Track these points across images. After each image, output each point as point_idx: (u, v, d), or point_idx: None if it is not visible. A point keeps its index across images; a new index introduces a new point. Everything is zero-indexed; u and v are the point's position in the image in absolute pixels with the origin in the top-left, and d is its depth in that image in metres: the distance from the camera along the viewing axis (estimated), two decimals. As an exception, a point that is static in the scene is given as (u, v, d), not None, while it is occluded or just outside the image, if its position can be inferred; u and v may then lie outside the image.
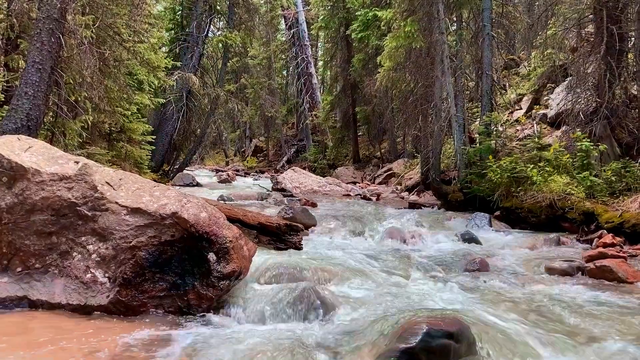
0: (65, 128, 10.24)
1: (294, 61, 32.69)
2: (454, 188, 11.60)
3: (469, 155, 11.46)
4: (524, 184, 9.25)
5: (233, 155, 43.65)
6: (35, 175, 3.92)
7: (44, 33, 8.08)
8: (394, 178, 18.64)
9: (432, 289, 4.81)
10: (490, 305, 4.30)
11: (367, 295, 4.47)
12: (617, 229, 7.15)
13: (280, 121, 34.66)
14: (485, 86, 11.78)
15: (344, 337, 3.49)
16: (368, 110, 22.63)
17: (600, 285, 5.16)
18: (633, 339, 3.53)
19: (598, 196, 8.17)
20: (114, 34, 10.51)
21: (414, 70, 13.38)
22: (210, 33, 20.77)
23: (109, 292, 3.71)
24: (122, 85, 11.31)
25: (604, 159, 9.27)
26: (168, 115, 18.51)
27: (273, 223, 6.20)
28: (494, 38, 12.32)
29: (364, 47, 20.59)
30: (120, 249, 3.77)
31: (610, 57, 9.60)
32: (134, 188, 4.06)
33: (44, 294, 3.75)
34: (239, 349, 3.19)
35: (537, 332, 3.67)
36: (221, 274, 3.83)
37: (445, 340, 3.11)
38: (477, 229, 8.40)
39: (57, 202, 3.87)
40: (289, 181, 16.61)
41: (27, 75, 7.99)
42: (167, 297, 3.76)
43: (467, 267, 5.80)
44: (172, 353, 3.07)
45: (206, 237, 3.84)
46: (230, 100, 20.33)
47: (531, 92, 15.85)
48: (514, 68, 19.18)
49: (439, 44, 11.71)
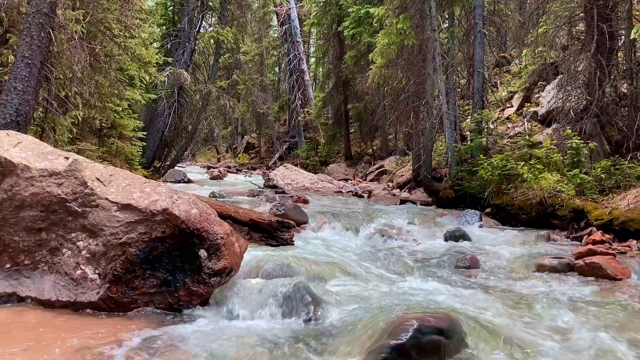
0: (55, 124, 10.15)
1: (286, 58, 32.62)
2: (445, 185, 11.64)
3: (460, 152, 11.50)
4: (514, 181, 9.30)
5: (225, 151, 43.51)
6: (24, 171, 3.89)
7: (33, 27, 8.01)
8: (386, 175, 18.66)
9: (422, 285, 4.83)
10: (481, 301, 4.32)
11: (357, 292, 4.48)
12: (607, 226, 7.21)
13: (272, 118, 34.56)
14: (477, 84, 11.81)
15: (334, 333, 3.49)
16: (360, 108, 22.62)
17: (589, 282, 5.21)
18: (620, 333, 3.56)
19: (588, 194, 8.23)
20: (104, 29, 10.43)
21: (405, 68, 13.38)
22: (202, 29, 20.64)
23: (99, 289, 3.69)
24: (113, 80, 11.21)
25: (594, 156, 9.34)
26: (159, 112, 18.41)
27: (265, 220, 6.19)
28: (486, 36, 12.36)
29: (356, 44, 20.55)
30: (111, 245, 3.75)
31: (600, 55, 9.66)
32: (125, 184, 4.04)
33: (34, 290, 3.73)
34: (229, 344, 3.19)
35: (527, 328, 3.70)
36: (212, 270, 3.82)
37: (435, 336, 3.13)
38: (468, 226, 8.43)
39: (46, 198, 3.84)
40: (280, 178, 16.58)
41: (17, 70, 7.92)
42: (158, 294, 3.74)
43: (457, 264, 5.83)
44: (160, 349, 3.05)
45: (197, 233, 3.83)
46: (222, 96, 20.24)
47: (522, 89, 15.91)
48: (505, 66, 19.25)
49: (431, 42, 11.72)
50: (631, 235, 6.89)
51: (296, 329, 3.59)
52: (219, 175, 22.38)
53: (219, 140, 43.76)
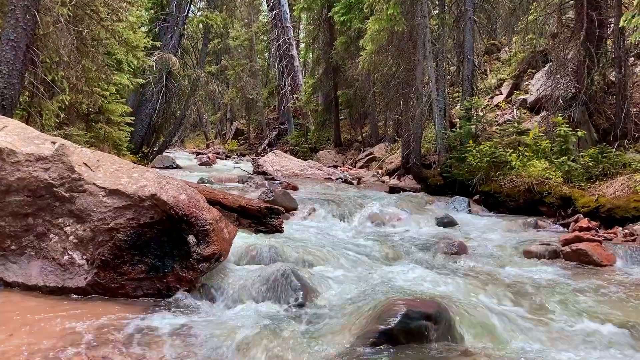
0: (42, 108, 10.02)
1: (275, 43, 32.35)
2: (434, 172, 11.68)
3: (449, 139, 11.52)
4: (503, 168, 9.36)
5: (214, 137, 43.27)
6: (10, 156, 3.84)
7: (18, 10, 7.86)
8: (375, 162, 18.68)
9: (411, 271, 4.85)
10: (469, 287, 4.36)
11: (346, 278, 4.49)
12: (593, 213, 7.29)
13: (262, 104, 34.39)
14: (467, 71, 11.82)
15: (323, 319, 3.51)
16: (350, 94, 22.55)
17: (575, 268, 5.28)
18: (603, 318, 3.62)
19: (575, 181, 8.31)
20: (91, 12, 10.25)
21: (396, 54, 13.34)
22: (191, 13, 20.45)
23: (86, 274, 3.67)
24: (100, 65, 11.06)
25: (582, 144, 9.40)
26: (147, 97, 18.25)
27: (254, 206, 6.18)
28: (476, 23, 12.34)
29: (346, 30, 20.44)
30: (98, 230, 3.72)
31: (589, 43, 9.70)
32: (112, 169, 4.00)
33: (20, 275, 3.70)
34: (218, 329, 3.19)
35: (514, 313, 3.74)
36: (201, 256, 3.82)
37: (423, 321, 3.16)
38: (457, 213, 8.49)
39: (33, 183, 3.80)
40: (270, 164, 16.55)
41: (2, 53, 7.78)
42: (146, 279, 3.73)
43: (446, 250, 5.87)
44: (148, 334, 3.05)
45: (186, 219, 3.82)
46: (210, 81, 20.13)
47: (512, 77, 15.97)
48: (495, 53, 19.29)
49: (421, 28, 11.69)
50: (617, 222, 6.98)
51: (285, 315, 3.61)
52: (208, 162, 22.26)
53: (207, 126, 43.46)
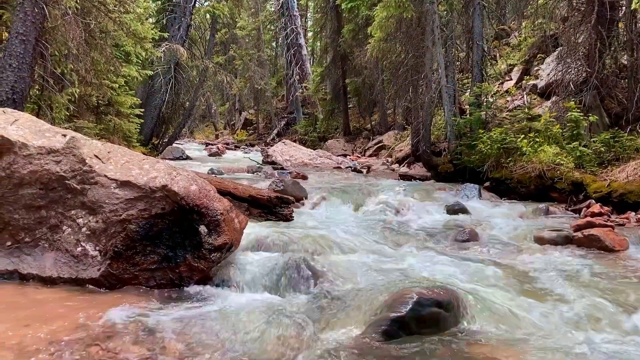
0: (52, 101, 10.08)
1: (283, 32, 32.28)
2: (444, 159, 11.63)
3: (459, 126, 11.46)
4: (513, 154, 9.29)
5: (223, 128, 43.37)
6: (22, 149, 3.87)
7: (27, 3, 7.90)
8: (385, 150, 18.63)
9: (422, 259, 4.85)
10: (480, 274, 4.35)
11: (357, 266, 4.50)
12: (605, 199, 7.23)
13: (270, 94, 34.37)
14: (476, 57, 11.72)
15: (334, 307, 3.52)
16: (358, 82, 22.45)
17: (588, 253, 5.24)
18: (617, 302, 3.60)
19: (587, 166, 8.23)
20: (99, 4, 10.27)
21: (404, 41, 13.25)
22: (198, 3, 20.41)
23: (100, 265, 3.71)
24: (109, 57, 11.10)
25: (594, 129, 9.31)
26: (156, 88, 18.28)
27: (264, 196, 6.20)
28: (485, 7, 12.22)
29: (354, 18, 20.31)
30: (111, 222, 3.75)
31: (600, 27, 9.56)
32: (123, 161, 4.03)
33: (35, 267, 3.74)
34: (230, 318, 3.22)
35: (526, 300, 3.73)
36: (212, 246, 3.84)
37: (435, 309, 3.16)
38: (467, 200, 8.45)
39: (45, 176, 3.83)
40: (279, 154, 16.57)
41: (11, 47, 7.84)
42: (159, 270, 3.76)
43: (456, 237, 5.86)
44: (161, 324, 3.08)
45: (197, 209, 3.83)
46: (219, 72, 20.11)
47: (521, 62, 15.79)
48: (505, 38, 19.06)
49: (430, 14, 11.59)
50: (630, 207, 6.92)
51: (296, 303, 3.62)
52: (217, 152, 22.35)
53: (216, 116, 43.51)
